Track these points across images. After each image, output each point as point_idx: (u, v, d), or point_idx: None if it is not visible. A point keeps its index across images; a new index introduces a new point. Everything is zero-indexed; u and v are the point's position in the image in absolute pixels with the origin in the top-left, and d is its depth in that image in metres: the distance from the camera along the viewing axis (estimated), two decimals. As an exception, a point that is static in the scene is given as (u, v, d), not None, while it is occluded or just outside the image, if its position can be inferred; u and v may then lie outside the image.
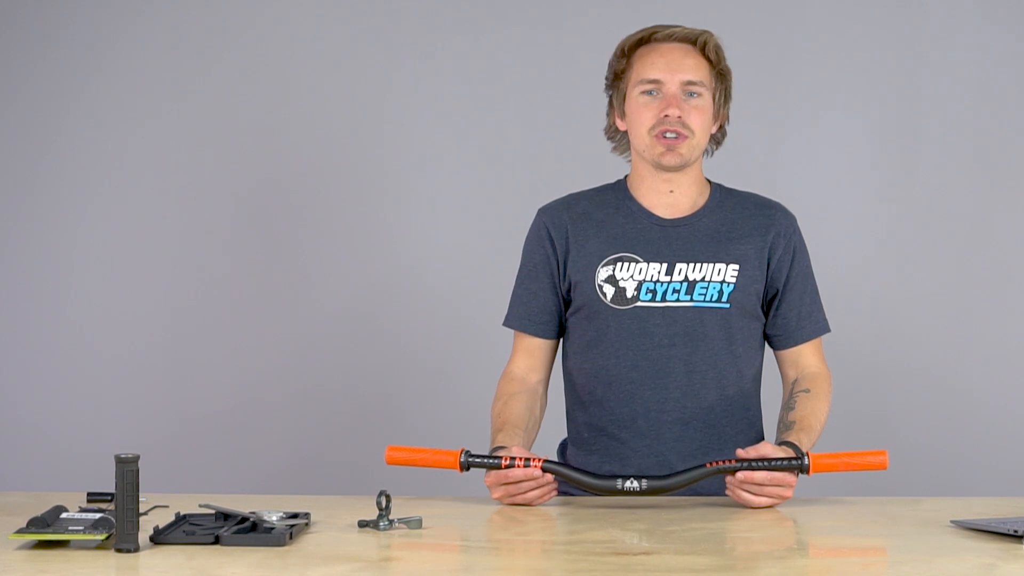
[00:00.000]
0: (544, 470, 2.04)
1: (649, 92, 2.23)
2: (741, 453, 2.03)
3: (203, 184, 3.53)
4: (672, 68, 2.23)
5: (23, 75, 3.54)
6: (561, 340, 2.35)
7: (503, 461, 2.04)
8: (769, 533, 1.88)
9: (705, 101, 2.24)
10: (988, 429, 3.39)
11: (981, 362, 3.41)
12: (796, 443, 2.11)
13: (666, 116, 2.21)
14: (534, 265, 2.32)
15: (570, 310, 2.30)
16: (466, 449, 2.08)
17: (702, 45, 2.25)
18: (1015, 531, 1.70)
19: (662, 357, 2.21)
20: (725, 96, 2.30)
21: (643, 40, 2.27)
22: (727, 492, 2.05)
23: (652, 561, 1.64)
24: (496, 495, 2.08)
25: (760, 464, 2.00)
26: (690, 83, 2.23)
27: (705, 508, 2.01)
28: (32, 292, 3.56)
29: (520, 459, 2.04)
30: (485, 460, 2.06)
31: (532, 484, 2.06)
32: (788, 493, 2.02)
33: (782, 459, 2.01)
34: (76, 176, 3.55)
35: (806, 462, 2.01)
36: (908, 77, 3.43)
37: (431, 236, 3.50)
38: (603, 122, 2.36)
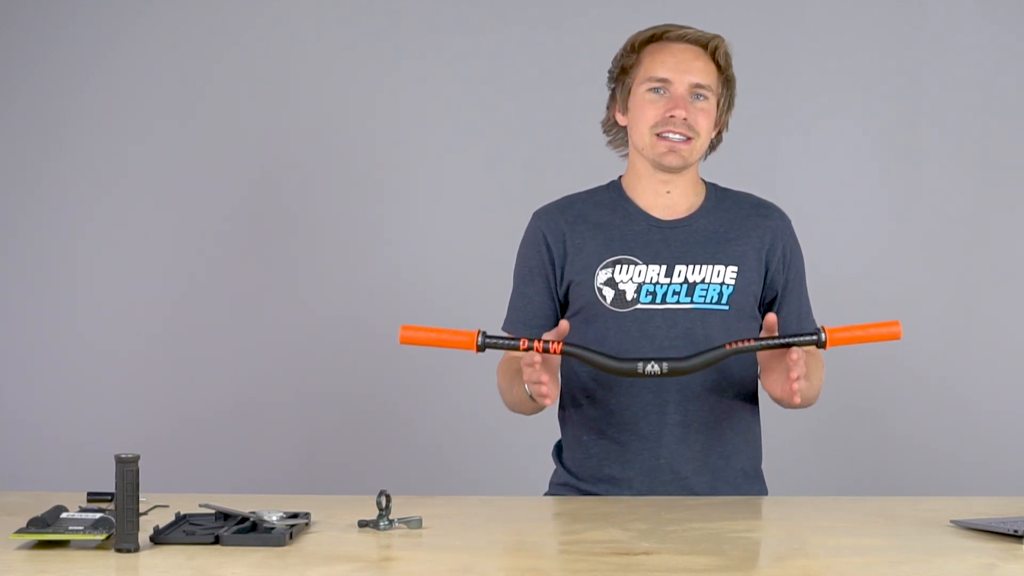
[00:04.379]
0: (564, 352, 2.03)
1: (656, 90, 2.23)
2: (763, 334, 2.06)
3: (204, 185, 3.53)
4: (682, 69, 2.23)
5: (23, 75, 3.54)
6: None
7: (521, 343, 2.03)
8: (769, 533, 1.88)
9: (711, 105, 2.25)
10: (988, 429, 3.39)
11: (981, 362, 3.40)
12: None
13: (672, 116, 2.21)
14: (529, 269, 2.32)
15: (567, 313, 2.30)
16: (483, 330, 2.05)
17: (713, 49, 2.25)
18: (1015, 531, 1.70)
19: (659, 357, 2.20)
20: (729, 103, 2.30)
21: (655, 37, 2.27)
22: (777, 389, 2.08)
23: (652, 561, 1.64)
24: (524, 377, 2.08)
25: (779, 341, 2.03)
26: (698, 86, 2.23)
27: (705, 508, 2.01)
28: (32, 292, 3.56)
29: (539, 342, 2.03)
30: (503, 341, 2.04)
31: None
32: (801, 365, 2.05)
33: (800, 334, 2.04)
34: (76, 177, 3.55)
35: (823, 337, 2.03)
36: (908, 77, 3.43)
37: (432, 237, 3.50)
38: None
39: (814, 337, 2.03)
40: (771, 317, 2.06)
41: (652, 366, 2.02)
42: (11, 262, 3.56)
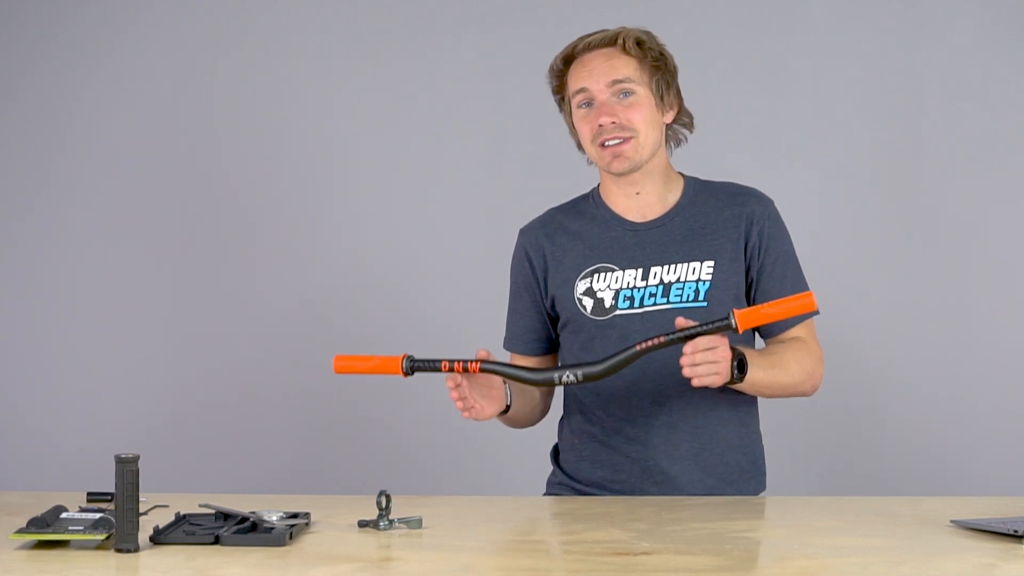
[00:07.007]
0: (483, 370, 2.07)
1: (584, 104, 2.25)
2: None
3: (203, 185, 3.53)
4: (596, 75, 2.23)
5: (23, 75, 3.54)
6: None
7: (443, 366, 2.06)
8: (769, 533, 1.88)
9: (640, 97, 2.23)
10: (987, 429, 3.39)
11: (981, 361, 3.40)
12: (744, 353, 2.10)
13: (600, 125, 2.22)
14: (517, 287, 2.37)
15: (559, 325, 2.33)
16: (408, 355, 2.08)
17: (622, 44, 2.24)
18: (1015, 531, 1.70)
19: (645, 362, 2.20)
20: (667, 83, 2.26)
21: (568, 58, 2.29)
22: (694, 383, 2.04)
23: (652, 561, 1.64)
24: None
25: (689, 331, 2.01)
26: (616, 82, 2.22)
27: (705, 508, 2.01)
28: (32, 293, 3.56)
29: (459, 363, 2.06)
30: (426, 364, 2.07)
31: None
32: (721, 354, 2.03)
33: (708, 322, 2.01)
34: (75, 177, 3.55)
35: (733, 322, 1.98)
36: (907, 76, 3.43)
37: (432, 238, 3.50)
38: None
39: (724, 322, 1.99)
40: (679, 320, 2.04)
41: (567, 375, 2.05)
42: (10, 262, 3.56)
